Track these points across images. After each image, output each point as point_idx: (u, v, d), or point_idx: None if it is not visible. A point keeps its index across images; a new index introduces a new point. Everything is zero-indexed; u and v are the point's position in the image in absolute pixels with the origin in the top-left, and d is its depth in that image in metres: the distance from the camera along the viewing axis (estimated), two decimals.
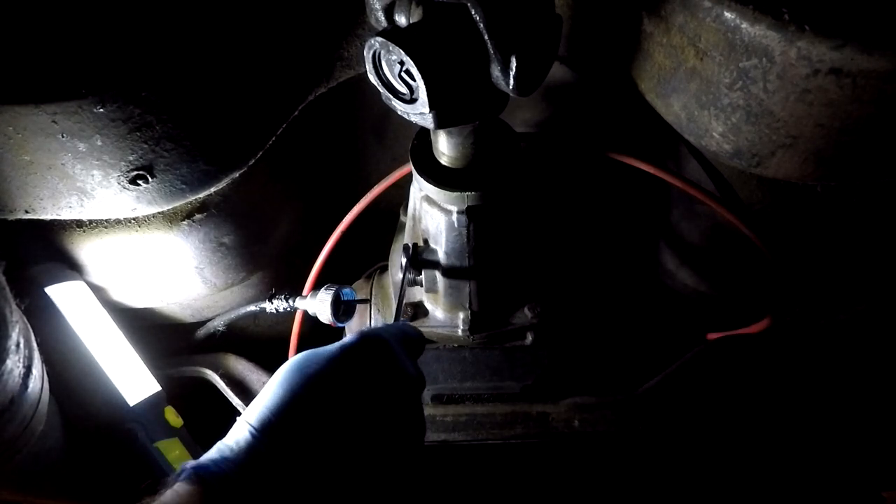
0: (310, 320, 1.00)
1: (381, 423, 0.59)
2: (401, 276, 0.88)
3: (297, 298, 0.98)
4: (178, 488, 0.50)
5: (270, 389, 0.57)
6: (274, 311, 1.01)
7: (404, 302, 0.99)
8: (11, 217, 0.82)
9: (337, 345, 0.61)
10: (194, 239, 1.01)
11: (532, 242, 0.98)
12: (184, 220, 0.97)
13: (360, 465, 0.57)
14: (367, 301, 1.08)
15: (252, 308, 1.12)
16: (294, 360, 0.60)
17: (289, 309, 1.00)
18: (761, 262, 1.03)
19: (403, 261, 0.88)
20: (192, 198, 0.88)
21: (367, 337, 0.63)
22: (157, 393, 1.07)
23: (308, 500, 0.54)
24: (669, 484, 1.08)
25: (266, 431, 0.54)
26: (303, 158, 1.17)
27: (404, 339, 0.67)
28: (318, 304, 0.92)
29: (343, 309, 0.93)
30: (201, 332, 1.24)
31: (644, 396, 1.07)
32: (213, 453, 0.54)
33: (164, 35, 0.72)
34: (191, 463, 0.52)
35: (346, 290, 0.94)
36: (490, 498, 1.09)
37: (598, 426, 1.04)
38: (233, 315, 1.18)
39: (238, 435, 0.54)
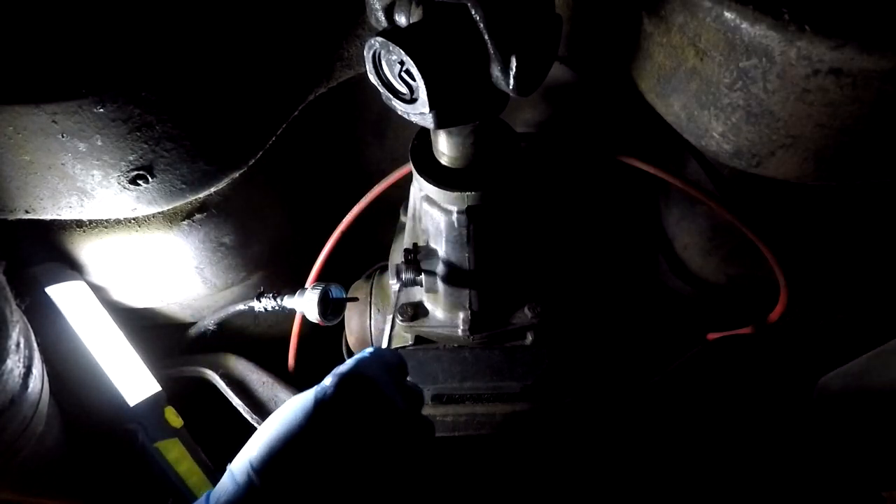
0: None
1: (374, 461, 0.60)
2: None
3: (286, 297, 0.96)
4: None
5: (259, 440, 0.59)
6: (262, 309, 0.99)
7: (404, 302, 0.99)
8: (11, 217, 0.82)
9: (314, 393, 0.61)
10: (194, 239, 1.01)
11: (532, 242, 0.98)
12: (184, 220, 0.97)
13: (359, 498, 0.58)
14: (356, 300, 1.06)
15: (241, 307, 1.10)
16: (279, 411, 0.61)
17: (276, 307, 0.98)
18: (761, 261, 1.03)
19: (395, 287, 0.87)
20: (192, 198, 0.88)
21: (345, 379, 0.62)
22: (157, 393, 1.07)
23: None
24: (669, 483, 1.08)
25: (256, 480, 0.56)
26: (303, 158, 1.17)
27: (388, 368, 0.66)
28: (306, 303, 0.90)
29: (331, 307, 0.90)
30: (192, 331, 1.23)
31: (644, 396, 1.07)
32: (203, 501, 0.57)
33: (164, 35, 0.72)
34: None
35: (335, 289, 0.92)
36: (490, 497, 1.09)
37: (599, 425, 1.04)
38: (223, 314, 1.17)
39: (228, 485, 0.57)
